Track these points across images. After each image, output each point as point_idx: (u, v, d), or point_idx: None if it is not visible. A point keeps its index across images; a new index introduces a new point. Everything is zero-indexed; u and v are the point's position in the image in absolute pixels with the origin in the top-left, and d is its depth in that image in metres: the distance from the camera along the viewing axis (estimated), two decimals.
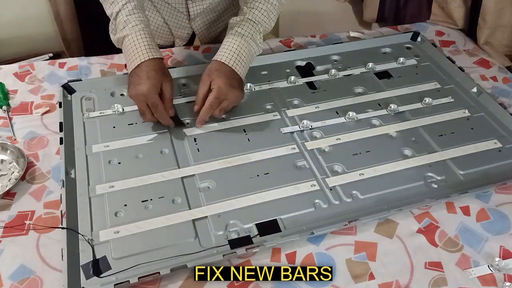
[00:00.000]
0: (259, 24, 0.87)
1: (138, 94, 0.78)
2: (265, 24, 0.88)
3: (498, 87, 1.00)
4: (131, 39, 0.80)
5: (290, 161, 0.79)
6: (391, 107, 0.90)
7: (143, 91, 0.77)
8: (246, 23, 0.86)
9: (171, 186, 0.75)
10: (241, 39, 0.84)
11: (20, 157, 0.78)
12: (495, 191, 0.77)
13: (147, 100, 0.78)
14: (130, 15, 0.82)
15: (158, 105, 0.78)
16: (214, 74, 0.81)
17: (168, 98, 0.81)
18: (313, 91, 0.94)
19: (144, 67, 0.79)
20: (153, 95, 0.78)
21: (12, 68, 0.99)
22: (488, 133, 0.86)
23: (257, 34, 0.87)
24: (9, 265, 0.65)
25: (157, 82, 0.78)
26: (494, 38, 1.14)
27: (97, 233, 0.67)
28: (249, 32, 0.85)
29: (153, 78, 0.78)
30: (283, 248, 0.68)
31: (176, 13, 1.04)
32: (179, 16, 1.05)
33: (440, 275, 0.65)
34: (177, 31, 1.09)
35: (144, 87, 0.77)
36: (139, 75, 0.78)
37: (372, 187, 0.75)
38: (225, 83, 0.80)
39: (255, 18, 0.86)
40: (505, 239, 0.70)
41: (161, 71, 0.80)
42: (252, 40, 0.85)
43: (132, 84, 0.79)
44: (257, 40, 0.87)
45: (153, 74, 0.78)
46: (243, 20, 0.86)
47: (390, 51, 1.07)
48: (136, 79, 0.79)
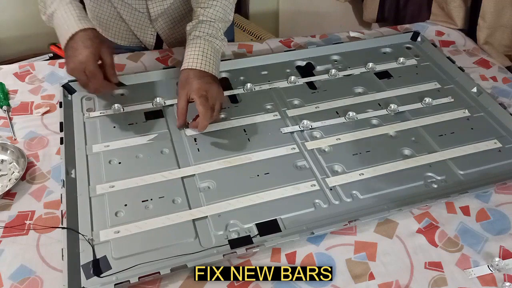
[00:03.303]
0: (216, 21, 0.86)
1: (76, 66, 0.75)
2: (222, 21, 0.87)
3: (498, 87, 1.00)
4: (59, 13, 0.79)
5: (290, 161, 0.79)
6: (391, 107, 0.90)
7: (80, 60, 0.75)
8: (201, 24, 0.85)
9: (171, 186, 0.75)
10: (201, 40, 0.84)
11: (20, 157, 0.78)
12: (495, 191, 0.77)
13: (86, 69, 0.75)
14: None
15: (96, 73, 0.76)
16: (186, 84, 0.80)
17: (109, 64, 0.79)
18: (313, 91, 0.94)
19: (77, 38, 0.76)
20: (91, 63, 0.75)
21: (12, 68, 0.99)
22: (488, 133, 0.86)
23: (216, 31, 0.86)
24: (9, 265, 0.65)
25: (95, 50, 0.76)
26: (494, 38, 1.14)
27: (98, 233, 0.67)
28: (207, 32, 0.85)
29: (90, 46, 0.76)
30: (283, 248, 0.68)
31: (136, 13, 1.01)
32: (140, 17, 1.02)
33: (440, 275, 0.66)
34: (139, 33, 1.06)
35: (81, 56, 0.75)
36: (74, 47, 0.76)
37: (372, 187, 0.76)
38: (200, 83, 0.79)
39: (210, 17, 0.86)
40: (505, 239, 0.70)
41: (97, 38, 0.78)
42: (212, 37, 0.85)
43: (69, 57, 0.76)
44: (218, 37, 0.86)
45: (90, 43, 0.76)
46: (198, 23, 0.86)
47: (390, 51, 1.07)
48: (71, 51, 0.76)
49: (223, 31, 0.88)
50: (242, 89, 0.94)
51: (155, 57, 1.03)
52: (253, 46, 1.09)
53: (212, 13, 0.86)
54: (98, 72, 0.77)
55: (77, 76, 0.78)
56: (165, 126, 0.85)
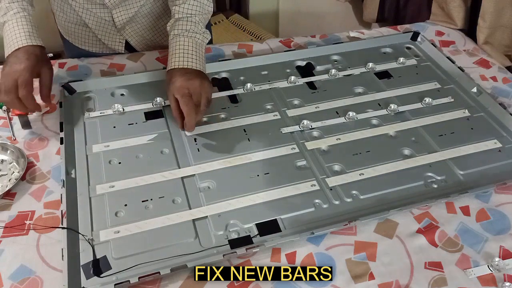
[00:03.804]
0: (194, 16, 0.85)
1: (10, 72, 0.75)
2: (200, 14, 0.86)
3: (498, 87, 1.00)
4: (11, 25, 0.79)
5: (290, 161, 0.79)
6: (391, 107, 0.90)
7: (17, 69, 0.74)
8: (179, 22, 0.85)
9: (171, 186, 0.75)
10: (181, 38, 0.83)
11: (20, 157, 0.78)
12: (495, 191, 0.77)
13: (19, 78, 0.74)
14: (13, 3, 0.81)
15: (27, 85, 0.75)
16: (170, 84, 0.80)
17: (46, 84, 0.80)
18: (313, 91, 0.94)
19: (23, 51, 0.77)
20: (26, 73, 0.75)
21: None
22: (488, 133, 0.86)
23: (195, 25, 0.85)
24: (9, 265, 0.65)
25: (36, 65, 0.77)
26: (494, 38, 1.14)
27: (98, 233, 0.68)
28: (185, 29, 0.84)
29: (32, 60, 0.76)
30: (283, 248, 0.68)
31: (102, 21, 0.98)
32: (106, 25, 0.99)
33: (440, 275, 0.66)
34: (107, 40, 1.03)
35: (20, 65, 0.75)
36: (18, 57, 0.76)
37: (372, 187, 0.76)
38: (181, 81, 0.79)
39: (187, 13, 0.85)
40: (505, 239, 0.70)
41: (42, 56, 0.79)
42: (192, 32, 0.84)
43: (9, 63, 0.76)
44: (199, 31, 0.85)
45: (33, 57, 0.77)
46: (175, 21, 0.85)
47: (390, 51, 1.07)
48: (14, 59, 0.76)
49: (204, 24, 0.87)
50: (242, 89, 0.94)
51: (155, 57, 1.03)
52: (253, 46, 1.09)
53: (188, 8, 0.85)
54: (29, 84, 0.75)
55: (6, 83, 0.75)
56: (165, 126, 0.85)
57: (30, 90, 0.76)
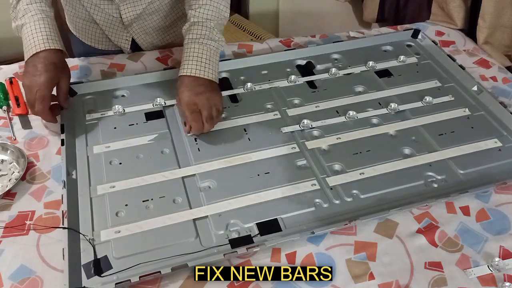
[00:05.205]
0: (210, 21, 0.85)
1: (31, 84, 0.76)
2: (216, 19, 0.86)
3: (498, 87, 1.00)
4: (29, 28, 0.79)
5: (290, 160, 0.80)
6: (391, 106, 0.90)
7: (37, 81, 0.75)
8: (194, 26, 0.85)
9: (171, 186, 0.75)
10: (195, 44, 0.83)
11: (20, 157, 0.78)
12: (495, 191, 0.77)
13: (38, 91, 0.76)
14: (31, 4, 0.80)
15: (45, 99, 0.76)
16: (180, 94, 0.81)
17: (64, 91, 0.81)
18: (313, 90, 0.94)
19: (42, 57, 0.77)
20: (45, 87, 0.76)
21: (12, 68, 0.99)
22: (489, 132, 0.86)
23: (210, 31, 0.84)
24: (10, 265, 0.65)
25: (54, 76, 0.77)
26: (493, 38, 1.14)
27: (98, 233, 0.68)
28: (201, 34, 0.84)
29: (51, 71, 0.76)
30: (283, 248, 0.68)
31: (110, 17, 0.99)
32: (113, 21, 1.00)
33: (440, 275, 0.66)
34: (114, 37, 1.03)
35: (39, 78, 0.75)
36: (36, 66, 0.76)
37: (372, 186, 0.76)
38: (189, 96, 0.79)
39: (202, 18, 0.85)
40: (505, 239, 0.70)
41: (60, 64, 0.79)
42: (207, 38, 0.84)
43: (28, 74, 0.77)
44: (213, 37, 0.85)
45: (52, 67, 0.77)
46: (191, 25, 0.85)
47: (390, 49, 1.07)
48: (32, 68, 0.76)
49: (219, 29, 0.87)
50: (242, 89, 0.94)
51: (155, 57, 1.03)
52: (253, 46, 1.09)
53: (204, 13, 0.85)
54: (47, 99, 0.77)
55: (27, 94, 0.77)
56: (166, 126, 0.85)
57: (46, 105, 0.77)
